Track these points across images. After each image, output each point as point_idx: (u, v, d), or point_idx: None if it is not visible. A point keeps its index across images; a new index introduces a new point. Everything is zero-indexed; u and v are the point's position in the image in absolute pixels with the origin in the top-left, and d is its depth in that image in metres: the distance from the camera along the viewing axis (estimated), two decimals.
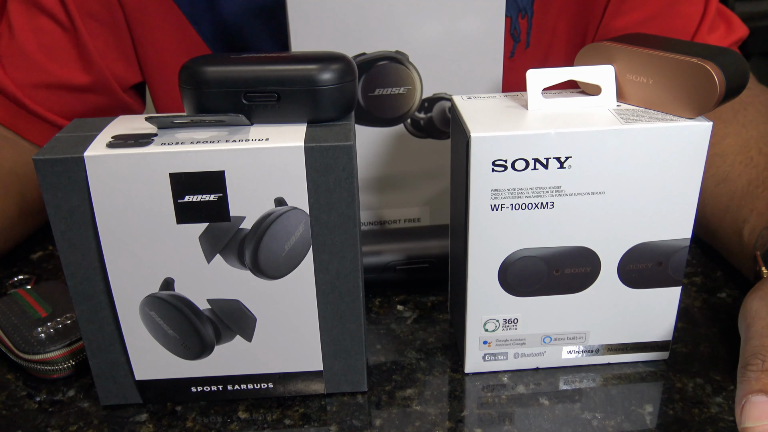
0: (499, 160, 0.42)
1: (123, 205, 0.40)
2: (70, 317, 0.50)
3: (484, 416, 0.45)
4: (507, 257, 0.45)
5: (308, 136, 0.40)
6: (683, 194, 0.43)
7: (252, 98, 0.41)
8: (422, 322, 0.54)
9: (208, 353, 0.45)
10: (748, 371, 0.37)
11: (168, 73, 0.69)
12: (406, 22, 0.51)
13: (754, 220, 0.54)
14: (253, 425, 0.45)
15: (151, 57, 0.68)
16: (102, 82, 0.68)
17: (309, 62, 0.41)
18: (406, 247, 0.56)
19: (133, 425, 0.45)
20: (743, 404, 0.35)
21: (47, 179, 0.39)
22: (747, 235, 0.54)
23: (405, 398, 0.46)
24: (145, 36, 0.67)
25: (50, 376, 0.48)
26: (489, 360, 0.48)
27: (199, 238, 0.41)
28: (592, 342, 0.48)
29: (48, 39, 0.65)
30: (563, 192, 0.43)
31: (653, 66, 0.42)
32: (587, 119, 0.42)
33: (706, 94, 0.41)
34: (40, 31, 0.65)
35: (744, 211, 0.56)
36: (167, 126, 0.41)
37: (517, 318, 0.47)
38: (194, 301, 0.43)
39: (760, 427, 0.34)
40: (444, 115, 0.56)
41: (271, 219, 0.41)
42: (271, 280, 0.43)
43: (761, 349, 0.37)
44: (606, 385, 0.47)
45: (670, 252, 0.45)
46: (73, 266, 0.42)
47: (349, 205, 0.41)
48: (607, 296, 0.46)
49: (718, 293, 0.57)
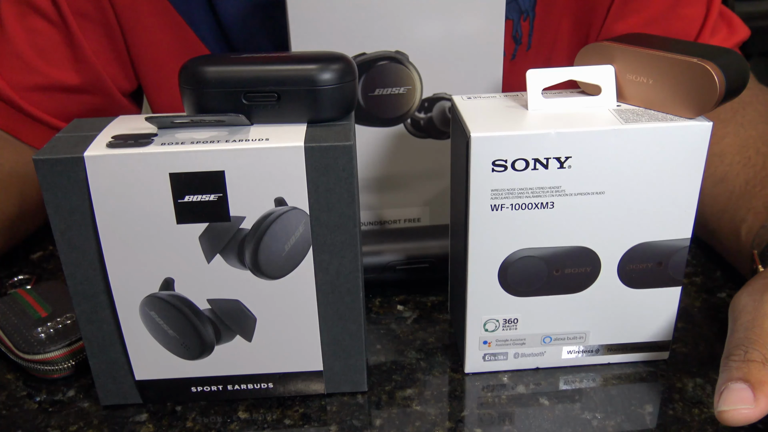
0: (499, 160, 0.42)
1: (123, 205, 0.40)
2: (70, 317, 0.50)
3: (484, 416, 0.45)
4: (507, 257, 0.45)
5: (308, 136, 0.40)
6: (683, 194, 0.43)
7: (252, 98, 0.41)
8: (422, 322, 0.54)
9: (208, 353, 0.45)
10: (730, 361, 0.38)
11: (164, 75, 0.68)
12: (406, 22, 0.51)
13: (752, 220, 0.54)
14: (253, 425, 0.45)
15: (147, 59, 0.68)
16: (97, 83, 0.67)
17: (309, 62, 0.41)
18: (406, 247, 0.56)
19: (133, 425, 0.45)
20: (722, 390, 0.36)
21: (47, 179, 0.39)
22: (744, 235, 0.54)
23: (405, 398, 0.46)
24: (139, 38, 0.66)
25: (50, 376, 0.48)
26: (489, 360, 0.48)
27: (199, 238, 0.41)
28: (592, 342, 0.48)
29: (41, 39, 0.65)
30: (563, 192, 0.43)
31: (653, 66, 0.42)
32: (587, 119, 0.42)
33: (706, 94, 0.41)
34: (32, 31, 0.64)
35: (742, 211, 0.56)
36: (167, 126, 0.41)
37: (517, 318, 0.47)
38: (194, 301, 0.43)
39: (734, 411, 0.35)
40: (444, 115, 0.56)
41: (271, 219, 0.41)
42: (271, 280, 0.43)
43: (744, 340, 0.38)
44: (606, 385, 0.47)
45: (670, 252, 0.45)
46: (73, 266, 0.42)
47: (349, 205, 0.41)
48: (607, 296, 0.46)
49: (718, 293, 0.57)
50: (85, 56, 0.65)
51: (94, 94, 0.68)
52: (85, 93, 0.68)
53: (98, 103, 0.69)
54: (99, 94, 0.68)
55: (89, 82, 0.67)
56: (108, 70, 0.67)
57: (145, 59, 0.68)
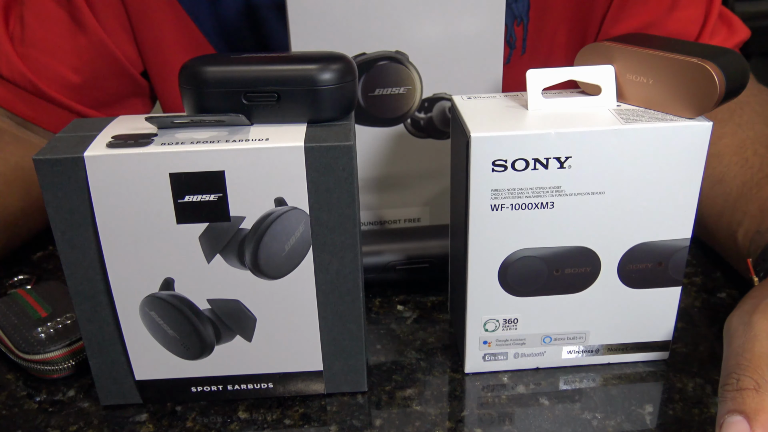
0: (499, 160, 0.42)
1: (123, 205, 0.40)
2: (70, 317, 0.50)
3: (484, 416, 0.45)
4: (507, 257, 0.45)
5: (308, 136, 0.40)
6: (683, 194, 0.43)
7: (252, 98, 0.41)
8: (422, 322, 0.54)
9: (208, 353, 0.45)
10: (725, 391, 0.37)
11: (171, 70, 0.69)
12: (406, 22, 0.51)
13: (747, 223, 0.54)
14: (253, 425, 0.45)
15: (154, 54, 0.68)
16: (116, 65, 0.68)
17: (309, 62, 0.41)
18: (406, 247, 0.56)
19: (133, 425, 0.45)
20: (721, 423, 0.36)
21: (47, 179, 0.39)
22: (741, 239, 0.54)
23: (405, 398, 0.46)
24: (147, 32, 0.67)
25: (50, 376, 0.48)
26: (489, 360, 0.48)
27: (199, 238, 0.41)
28: (592, 342, 0.48)
29: (57, 26, 0.65)
30: (563, 192, 0.43)
31: (653, 66, 0.42)
32: (587, 119, 0.42)
33: (706, 94, 0.41)
34: (49, 19, 0.65)
35: (738, 214, 0.55)
36: (167, 126, 0.41)
37: (517, 318, 0.47)
38: (194, 301, 0.43)
39: None
40: (444, 115, 0.56)
41: (271, 219, 0.41)
42: (271, 280, 0.43)
43: (736, 367, 0.38)
44: (606, 385, 0.47)
45: (670, 252, 0.45)
46: (73, 266, 0.42)
47: (349, 205, 0.41)
48: (607, 296, 0.46)
49: (717, 293, 0.57)
50: (104, 40, 0.66)
51: (116, 78, 0.68)
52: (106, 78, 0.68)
53: (121, 89, 0.69)
54: (120, 77, 0.69)
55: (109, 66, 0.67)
56: (125, 50, 0.68)
57: (152, 54, 0.68)
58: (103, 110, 0.70)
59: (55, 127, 0.68)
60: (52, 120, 0.68)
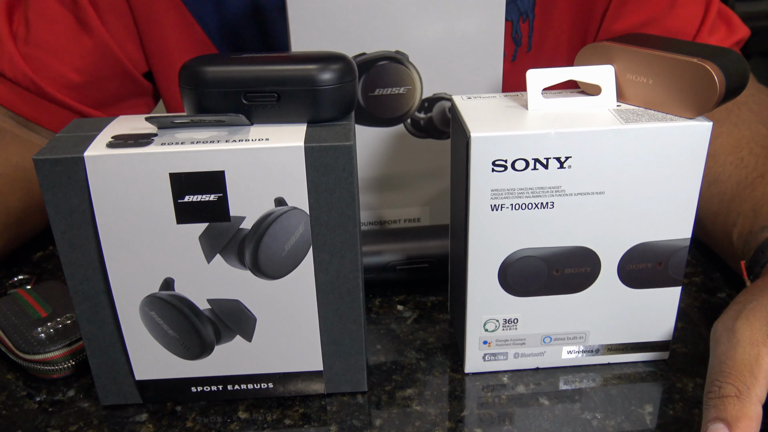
0: (499, 160, 0.42)
1: (123, 205, 0.40)
2: (70, 317, 0.50)
3: (484, 416, 0.45)
4: (507, 257, 0.45)
5: (308, 136, 0.40)
6: (683, 194, 0.43)
7: (252, 98, 0.41)
8: (422, 322, 0.54)
9: (208, 353, 0.45)
10: (708, 398, 0.38)
11: (175, 71, 0.69)
12: (406, 22, 0.51)
13: (741, 224, 0.54)
14: (253, 425, 0.45)
15: (158, 54, 0.68)
16: (119, 67, 0.68)
17: (309, 62, 0.41)
18: (406, 247, 0.56)
19: (133, 425, 0.45)
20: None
21: (47, 179, 0.39)
22: (736, 240, 0.54)
23: (405, 398, 0.46)
24: (152, 34, 0.67)
25: (50, 376, 0.48)
26: (489, 360, 0.48)
27: (199, 238, 0.41)
28: (592, 342, 0.48)
29: (62, 27, 0.65)
30: (563, 192, 0.43)
31: (653, 66, 0.42)
32: (587, 119, 0.42)
33: (706, 94, 0.41)
34: (53, 20, 0.65)
35: (733, 215, 0.55)
36: (167, 126, 0.41)
37: (517, 318, 0.47)
38: (194, 301, 0.43)
39: None
40: (444, 115, 0.56)
41: (271, 219, 0.41)
42: (271, 280, 0.43)
43: (719, 375, 0.38)
44: (606, 385, 0.47)
45: (670, 252, 0.45)
46: (73, 266, 0.42)
47: (349, 205, 0.41)
48: (607, 296, 0.46)
49: (717, 293, 0.57)
50: (107, 42, 0.66)
51: (117, 80, 0.68)
52: (107, 80, 0.68)
53: (122, 90, 0.69)
54: (122, 79, 0.69)
55: (111, 67, 0.67)
56: (127, 51, 0.68)
57: (156, 55, 0.68)
58: (104, 110, 0.70)
59: (56, 127, 0.68)
60: (54, 120, 0.68)
